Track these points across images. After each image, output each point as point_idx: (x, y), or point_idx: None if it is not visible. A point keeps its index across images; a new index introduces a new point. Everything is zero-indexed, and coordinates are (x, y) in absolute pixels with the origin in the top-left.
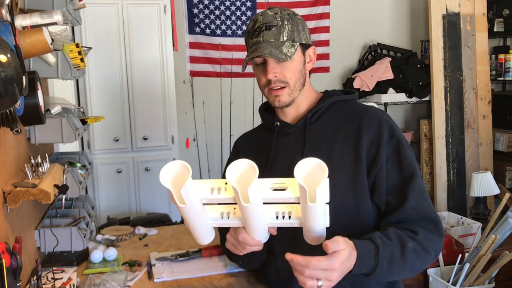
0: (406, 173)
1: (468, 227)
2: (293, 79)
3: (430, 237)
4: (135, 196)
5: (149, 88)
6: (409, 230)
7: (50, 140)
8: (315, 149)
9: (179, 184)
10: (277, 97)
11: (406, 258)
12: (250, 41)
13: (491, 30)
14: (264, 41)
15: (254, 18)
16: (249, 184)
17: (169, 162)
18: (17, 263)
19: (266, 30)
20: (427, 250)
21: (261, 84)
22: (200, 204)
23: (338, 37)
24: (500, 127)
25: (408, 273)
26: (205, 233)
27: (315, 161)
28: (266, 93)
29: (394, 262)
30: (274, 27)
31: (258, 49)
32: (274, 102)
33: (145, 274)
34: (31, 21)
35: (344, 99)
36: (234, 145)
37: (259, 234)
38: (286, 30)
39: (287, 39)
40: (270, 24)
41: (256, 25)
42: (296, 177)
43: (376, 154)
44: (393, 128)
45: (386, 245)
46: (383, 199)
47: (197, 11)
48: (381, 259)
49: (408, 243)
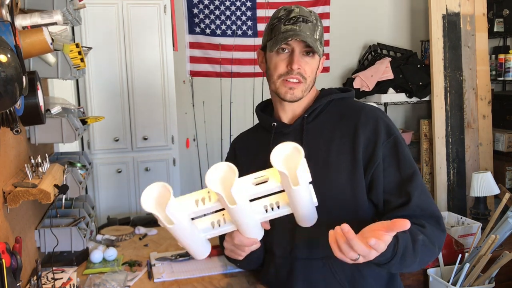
0: (406, 172)
1: (468, 227)
2: (311, 77)
3: (435, 232)
4: (135, 196)
5: (149, 88)
6: (417, 224)
7: (50, 140)
8: (313, 148)
9: (163, 205)
10: (292, 89)
11: (417, 250)
12: (282, 27)
13: (491, 30)
14: (301, 31)
15: (287, 8)
16: (231, 185)
17: (147, 187)
18: (17, 263)
19: (303, 23)
20: (434, 244)
21: (278, 72)
22: (188, 220)
23: (338, 37)
24: (500, 127)
25: (416, 266)
26: (201, 248)
27: (289, 145)
28: (279, 83)
29: (407, 253)
30: (311, 22)
31: (300, 35)
32: (286, 94)
33: (145, 274)
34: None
35: (341, 98)
36: (231, 145)
37: (253, 232)
38: (319, 31)
39: (318, 38)
40: (307, 19)
41: (291, 14)
42: (274, 165)
43: (373, 152)
44: (390, 127)
45: (402, 236)
46: (380, 197)
47: (197, 11)
48: (398, 249)
49: (419, 235)
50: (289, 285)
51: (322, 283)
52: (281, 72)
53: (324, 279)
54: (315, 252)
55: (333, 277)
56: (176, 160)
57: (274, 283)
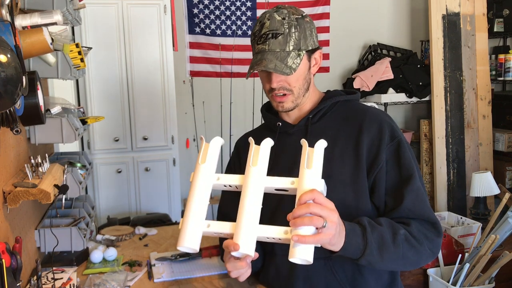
0: (404, 174)
1: (468, 227)
2: (297, 86)
3: (424, 232)
4: (135, 196)
5: (149, 88)
6: (401, 223)
7: (50, 140)
8: None
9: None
10: (281, 103)
11: (397, 245)
12: (256, 46)
13: (491, 30)
14: (270, 51)
15: (261, 21)
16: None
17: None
18: (17, 263)
19: (272, 38)
20: (420, 242)
21: (265, 89)
22: (211, 179)
23: (338, 37)
24: (500, 127)
25: (402, 263)
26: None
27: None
28: (270, 98)
29: (385, 246)
30: (281, 35)
31: (263, 62)
32: (277, 107)
33: (145, 274)
34: (31, 21)
35: (346, 100)
36: (235, 145)
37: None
38: (293, 39)
39: (293, 49)
40: (277, 32)
41: (262, 30)
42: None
43: (376, 155)
44: (394, 129)
45: (374, 228)
46: (382, 200)
47: (197, 11)
48: (370, 239)
49: (400, 230)
50: (289, 285)
51: (322, 283)
52: (267, 89)
53: (325, 279)
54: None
55: (333, 277)
56: (176, 160)
57: (274, 283)
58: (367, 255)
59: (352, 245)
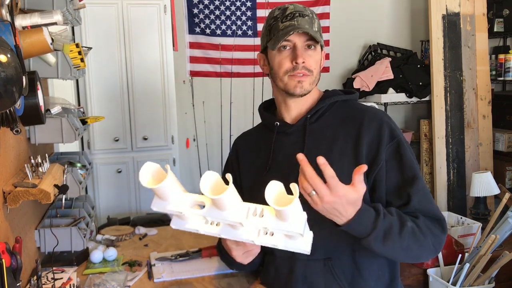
0: (407, 175)
1: (468, 227)
2: (316, 69)
3: (430, 227)
4: (135, 196)
5: (149, 88)
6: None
7: (50, 140)
8: (314, 149)
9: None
10: (300, 82)
11: (403, 236)
12: (281, 24)
13: (491, 30)
14: (300, 25)
15: (281, 7)
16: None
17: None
18: (17, 263)
19: (300, 17)
20: (425, 236)
21: (283, 69)
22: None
23: (338, 37)
24: (500, 127)
25: (404, 255)
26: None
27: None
28: (287, 79)
29: (391, 235)
30: (307, 16)
31: (300, 28)
32: (295, 88)
33: (145, 274)
34: (31, 21)
35: (345, 99)
36: (233, 144)
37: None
38: (317, 23)
39: (317, 30)
40: (303, 13)
41: (287, 11)
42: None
43: (376, 155)
44: (393, 129)
45: (386, 216)
46: (383, 200)
47: (197, 11)
48: (379, 225)
49: (408, 222)
50: (288, 286)
51: (321, 284)
52: (287, 68)
53: (324, 280)
54: (315, 253)
55: (333, 278)
56: (176, 160)
57: (274, 284)
58: (371, 239)
59: (360, 224)
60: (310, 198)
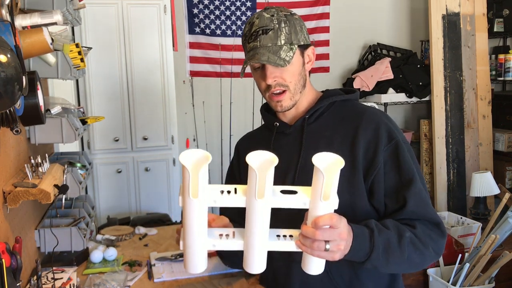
0: (404, 177)
1: (468, 227)
2: (293, 82)
3: (429, 234)
4: (135, 196)
5: (149, 88)
6: (407, 225)
7: (50, 140)
8: (312, 150)
9: (196, 169)
10: (279, 102)
11: (403, 247)
12: (247, 45)
13: (491, 30)
14: (261, 46)
15: (250, 21)
16: (266, 172)
17: (189, 150)
18: (17, 263)
19: (263, 34)
20: (425, 245)
21: (261, 88)
22: (206, 206)
23: (338, 37)
24: (500, 127)
25: (406, 266)
26: (200, 255)
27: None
28: (268, 98)
29: (390, 249)
30: (271, 30)
31: (256, 56)
32: (276, 107)
33: (145, 274)
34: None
35: (344, 99)
36: (235, 148)
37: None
38: (284, 33)
39: (284, 43)
40: (267, 28)
41: (252, 28)
42: (315, 163)
43: (373, 157)
44: (391, 130)
45: (381, 231)
46: (381, 202)
47: (197, 11)
48: (377, 243)
49: (406, 232)
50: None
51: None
52: (263, 87)
53: (322, 283)
54: None
55: (330, 281)
56: (176, 160)
57: (272, 286)
58: (373, 259)
59: (359, 249)
60: (326, 253)
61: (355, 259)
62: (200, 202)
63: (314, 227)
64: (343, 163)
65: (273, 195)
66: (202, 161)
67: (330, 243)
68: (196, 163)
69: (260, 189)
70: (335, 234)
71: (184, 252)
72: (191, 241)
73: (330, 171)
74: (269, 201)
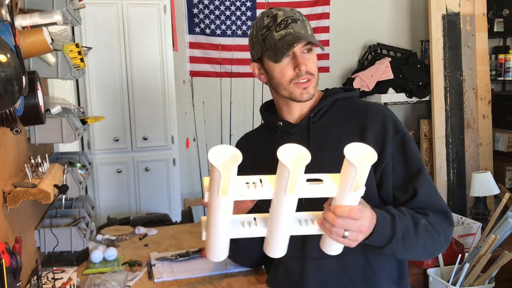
0: (413, 168)
1: (468, 227)
2: (316, 72)
3: (440, 222)
4: (135, 196)
5: (149, 88)
6: (420, 213)
7: (50, 140)
8: (320, 148)
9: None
10: (306, 89)
11: (418, 234)
12: (276, 34)
13: (491, 30)
14: (297, 32)
15: (269, 14)
16: (298, 169)
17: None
18: (17, 263)
19: (293, 23)
20: (438, 232)
21: (287, 78)
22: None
23: (338, 37)
24: (500, 127)
25: (421, 252)
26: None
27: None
28: (292, 87)
29: (408, 235)
30: (299, 20)
31: (301, 37)
32: (302, 95)
33: (145, 274)
34: (31, 21)
35: (346, 97)
36: (236, 146)
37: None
38: (308, 24)
39: (311, 32)
40: (295, 18)
41: (278, 19)
42: (347, 155)
43: (382, 150)
44: (397, 124)
45: (401, 217)
46: (390, 194)
47: (197, 11)
48: (398, 228)
49: (421, 219)
50: (300, 285)
51: (334, 282)
52: (291, 77)
53: (337, 277)
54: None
55: (345, 275)
56: (176, 160)
57: (284, 285)
58: (393, 243)
59: (382, 234)
60: (343, 240)
61: (376, 243)
62: (228, 198)
63: (334, 213)
64: (376, 157)
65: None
66: (231, 159)
67: (349, 232)
68: (225, 161)
69: (291, 185)
70: (354, 225)
71: (207, 242)
72: (216, 233)
73: (362, 164)
74: (298, 194)
